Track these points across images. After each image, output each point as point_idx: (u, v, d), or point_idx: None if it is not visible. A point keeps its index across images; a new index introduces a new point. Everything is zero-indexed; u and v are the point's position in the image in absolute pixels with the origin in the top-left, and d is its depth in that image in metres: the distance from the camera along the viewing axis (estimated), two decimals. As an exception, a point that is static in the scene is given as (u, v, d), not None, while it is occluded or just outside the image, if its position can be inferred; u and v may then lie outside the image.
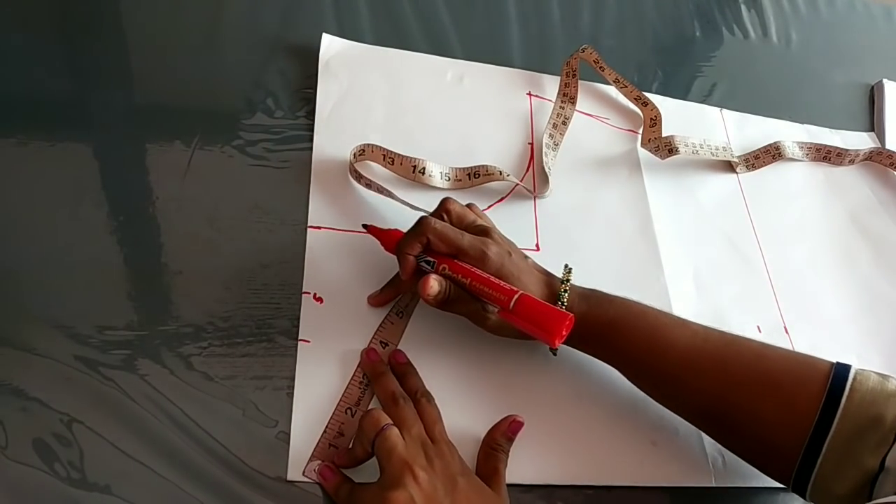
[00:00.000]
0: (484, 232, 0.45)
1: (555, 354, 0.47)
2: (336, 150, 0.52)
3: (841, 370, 0.40)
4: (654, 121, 0.62)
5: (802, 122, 0.71)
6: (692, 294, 0.55)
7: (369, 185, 0.51)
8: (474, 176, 0.54)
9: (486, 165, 0.54)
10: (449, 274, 0.43)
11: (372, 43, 0.59)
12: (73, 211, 0.45)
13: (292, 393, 0.42)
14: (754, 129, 0.68)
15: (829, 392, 0.39)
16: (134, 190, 0.47)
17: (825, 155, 0.68)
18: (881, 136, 0.73)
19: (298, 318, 0.45)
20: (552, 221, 0.55)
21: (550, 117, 0.60)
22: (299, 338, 0.44)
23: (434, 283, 0.42)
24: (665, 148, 0.60)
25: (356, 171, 0.51)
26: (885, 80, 0.77)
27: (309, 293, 0.46)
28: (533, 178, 0.57)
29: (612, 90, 0.65)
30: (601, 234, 0.56)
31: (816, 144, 0.68)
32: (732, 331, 0.52)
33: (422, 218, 0.44)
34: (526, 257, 0.46)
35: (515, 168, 0.57)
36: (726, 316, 0.54)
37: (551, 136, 0.59)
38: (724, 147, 0.64)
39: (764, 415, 0.41)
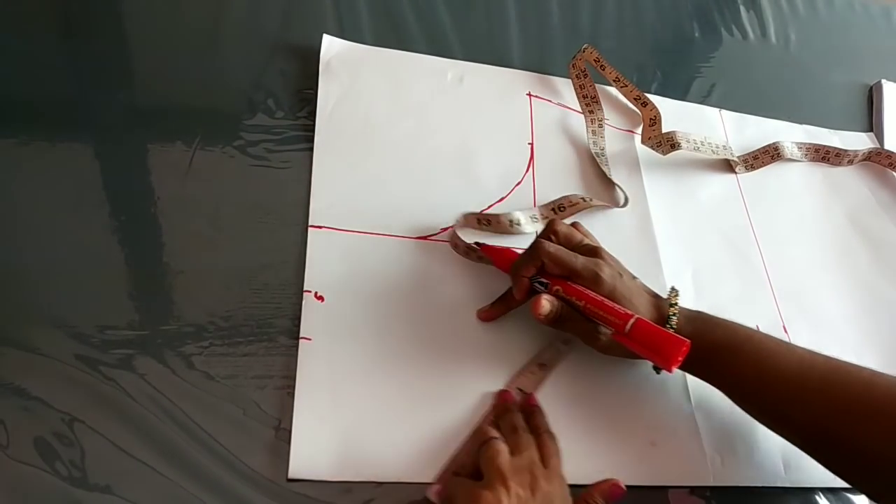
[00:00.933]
0: (594, 252, 0.45)
1: (658, 373, 0.48)
2: (337, 150, 0.52)
3: None
4: (653, 121, 0.62)
5: (801, 123, 0.71)
6: (691, 294, 0.55)
7: (481, 258, 0.50)
8: (559, 209, 0.54)
9: (569, 196, 0.55)
10: (563, 296, 0.44)
11: (371, 43, 0.60)
12: (75, 211, 0.45)
13: (293, 392, 0.42)
14: (753, 130, 0.68)
15: None
16: (135, 190, 0.47)
17: (824, 155, 0.69)
18: (880, 137, 0.73)
19: (299, 318, 0.45)
20: None
21: (587, 126, 0.60)
22: (300, 336, 0.44)
23: (546, 304, 0.44)
24: (667, 143, 0.60)
25: (465, 246, 0.50)
26: (883, 81, 0.77)
27: (310, 291, 0.46)
28: (533, 179, 0.57)
29: (611, 90, 0.65)
30: (601, 233, 0.55)
31: (815, 145, 0.68)
32: None
33: (536, 241, 0.45)
34: (634, 278, 0.47)
35: (515, 169, 0.57)
36: (725, 315, 0.54)
37: (595, 142, 0.60)
38: (723, 146, 0.64)
39: (870, 444, 0.40)
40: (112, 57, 0.53)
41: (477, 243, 0.49)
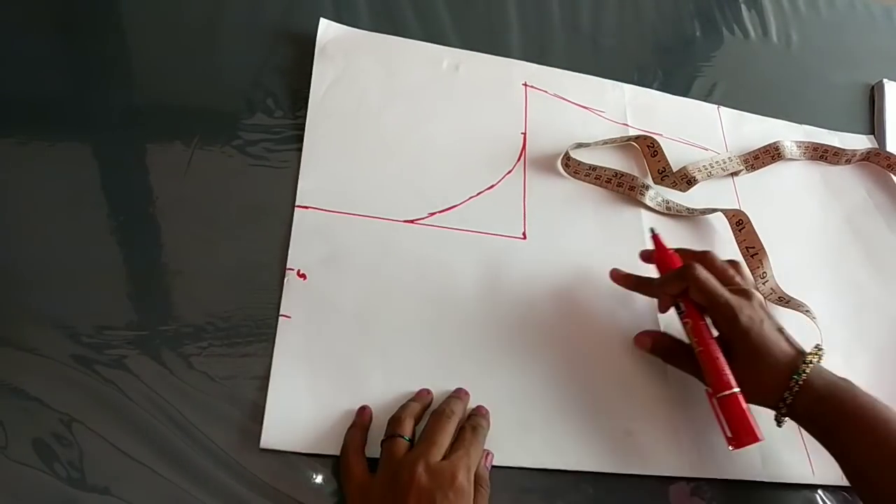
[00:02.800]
0: (744, 294, 0.46)
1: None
2: (328, 132, 0.53)
3: None
4: (652, 149, 0.61)
5: (802, 123, 0.71)
6: None
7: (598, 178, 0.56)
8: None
9: None
10: (688, 331, 0.46)
11: (371, 42, 0.59)
12: (73, 211, 0.45)
13: (292, 393, 0.42)
14: (751, 128, 0.68)
15: None
16: (134, 190, 0.47)
17: (822, 154, 0.68)
18: (881, 137, 0.73)
19: (298, 319, 0.45)
20: (540, 210, 0.55)
21: (639, 198, 0.58)
22: (280, 313, 0.44)
23: (646, 343, 0.49)
24: (683, 181, 0.59)
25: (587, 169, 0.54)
26: (885, 81, 0.77)
27: (293, 269, 0.46)
28: (524, 168, 0.57)
29: (608, 83, 0.65)
30: (590, 225, 0.56)
31: (814, 143, 0.68)
32: None
33: (689, 264, 0.46)
34: (780, 329, 0.46)
35: (506, 158, 0.57)
36: None
37: (658, 203, 0.59)
38: (729, 158, 0.63)
39: None
40: (110, 56, 0.53)
41: (652, 230, 0.51)
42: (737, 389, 0.43)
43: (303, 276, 0.46)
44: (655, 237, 0.50)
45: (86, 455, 0.38)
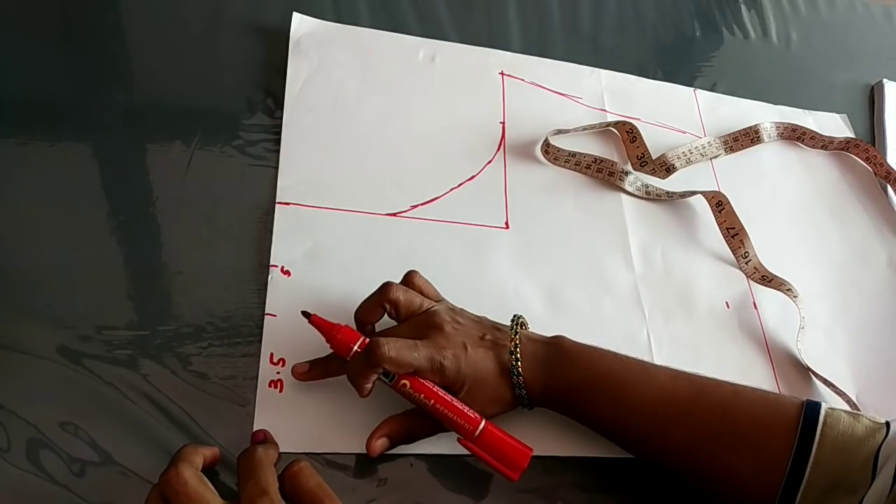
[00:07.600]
0: (433, 323, 0.41)
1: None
2: (306, 127, 0.53)
3: (810, 412, 0.39)
4: (631, 134, 0.61)
5: (777, 104, 0.70)
6: (660, 270, 0.55)
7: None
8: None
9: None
10: (410, 392, 0.40)
11: (371, 43, 0.59)
12: (73, 211, 0.45)
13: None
14: (727, 109, 0.68)
15: (800, 438, 0.38)
16: (134, 190, 0.47)
17: (800, 136, 0.68)
18: (881, 137, 0.73)
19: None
20: (522, 199, 0.55)
21: (619, 185, 0.58)
22: (265, 312, 0.44)
23: (379, 447, 0.40)
24: (662, 169, 0.60)
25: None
26: (885, 80, 0.77)
27: (276, 266, 0.46)
28: (503, 157, 0.57)
29: (585, 69, 0.65)
30: (571, 212, 0.56)
31: (792, 125, 0.68)
32: (700, 308, 0.53)
33: (370, 344, 0.39)
34: (483, 336, 0.42)
35: (486, 148, 0.57)
36: (695, 292, 0.55)
37: (637, 188, 0.58)
38: (709, 142, 0.63)
39: (733, 470, 0.40)
40: (111, 56, 0.53)
41: (304, 312, 0.41)
42: (484, 421, 0.40)
43: (287, 272, 0.46)
44: (314, 318, 0.41)
45: (85, 457, 0.38)
